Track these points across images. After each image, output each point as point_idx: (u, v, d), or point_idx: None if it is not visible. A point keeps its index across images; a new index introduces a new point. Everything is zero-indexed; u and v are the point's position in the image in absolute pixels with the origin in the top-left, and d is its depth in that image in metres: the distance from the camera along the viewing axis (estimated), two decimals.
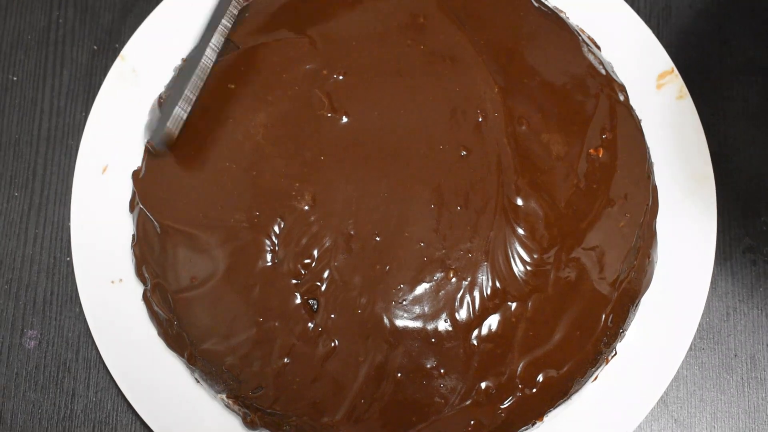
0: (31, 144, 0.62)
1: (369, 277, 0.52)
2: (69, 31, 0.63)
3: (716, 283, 0.59)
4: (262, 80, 0.55)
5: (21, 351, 0.59)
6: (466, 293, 0.52)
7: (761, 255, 0.59)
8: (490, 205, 0.53)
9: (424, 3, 0.56)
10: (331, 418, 0.51)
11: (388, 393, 0.51)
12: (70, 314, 0.59)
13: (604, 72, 0.56)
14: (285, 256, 0.52)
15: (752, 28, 0.62)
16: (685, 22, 0.63)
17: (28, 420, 0.58)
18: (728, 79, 0.62)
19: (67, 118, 0.62)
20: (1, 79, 0.63)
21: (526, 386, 0.52)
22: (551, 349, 0.52)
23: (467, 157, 0.53)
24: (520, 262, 0.52)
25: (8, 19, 0.63)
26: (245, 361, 0.52)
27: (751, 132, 0.61)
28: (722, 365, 0.58)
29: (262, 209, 0.53)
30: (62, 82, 0.62)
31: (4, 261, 0.60)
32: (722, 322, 0.59)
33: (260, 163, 0.53)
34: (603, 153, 0.54)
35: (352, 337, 0.51)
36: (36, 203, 0.61)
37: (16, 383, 0.58)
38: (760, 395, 0.58)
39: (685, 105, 0.58)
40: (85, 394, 0.58)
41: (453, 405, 0.51)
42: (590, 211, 0.53)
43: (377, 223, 0.52)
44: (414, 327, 0.51)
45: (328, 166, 0.53)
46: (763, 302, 0.59)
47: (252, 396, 0.52)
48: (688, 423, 0.57)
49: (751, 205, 0.60)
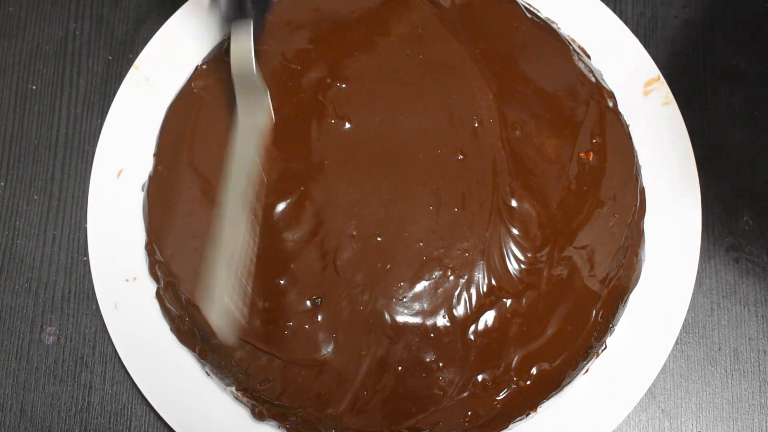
0: (49, 149, 0.62)
1: (371, 275, 0.52)
2: (85, 43, 0.63)
3: (701, 280, 0.59)
4: (269, 88, 0.55)
5: (40, 346, 0.59)
6: (464, 290, 0.52)
7: (744, 253, 0.59)
8: (486, 207, 0.53)
9: (422, 15, 0.56)
10: (335, 410, 0.51)
11: (389, 385, 0.51)
12: (87, 311, 0.59)
13: (593, 79, 0.56)
14: (291, 257, 0.52)
15: (734, 37, 0.62)
16: (671, 31, 0.63)
17: (47, 412, 0.58)
18: (712, 86, 0.62)
19: (84, 125, 0.62)
20: (20, 87, 0.63)
21: (521, 379, 0.52)
22: (544, 343, 0.52)
23: (464, 160, 0.53)
24: (514, 260, 0.52)
25: (27, 31, 0.64)
26: (253, 355, 0.52)
27: (734, 136, 0.61)
28: (707, 358, 0.58)
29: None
30: (79, 90, 0.63)
31: (24, 260, 0.60)
32: (707, 318, 0.59)
33: (267, 165, 0.53)
34: (593, 156, 0.54)
35: (355, 332, 0.51)
36: (54, 206, 0.61)
37: (35, 377, 0.58)
38: (742, 386, 0.58)
39: (671, 110, 0.58)
40: (101, 387, 0.58)
41: (451, 396, 0.51)
42: (581, 211, 0.54)
43: (378, 224, 0.53)
44: (414, 322, 0.52)
45: (332, 170, 0.53)
46: (745, 298, 0.59)
47: (260, 388, 0.52)
48: (675, 413, 0.57)
49: (734, 206, 0.60)
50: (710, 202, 0.60)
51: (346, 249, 0.52)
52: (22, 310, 0.59)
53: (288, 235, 0.52)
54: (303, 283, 0.52)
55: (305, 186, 0.53)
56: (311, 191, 0.53)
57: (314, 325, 0.51)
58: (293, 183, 0.53)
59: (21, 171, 0.61)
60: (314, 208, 0.53)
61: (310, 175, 0.53)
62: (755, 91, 0.62)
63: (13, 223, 0.60)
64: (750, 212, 0.60)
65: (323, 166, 0.53)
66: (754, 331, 0.58)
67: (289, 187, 0.53)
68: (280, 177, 0.53)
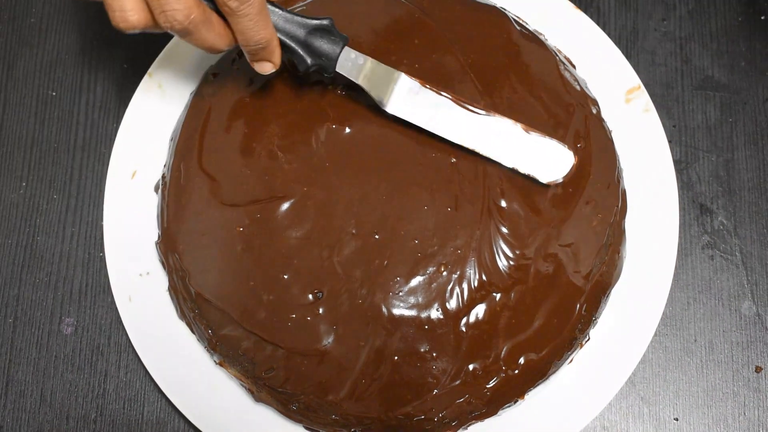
0: (68, 152, 0.62)
1: (369, 270, 0.52)
2: (102, 52, 0.63)
3: (678, 276, 0.59)
4: (274, 95, 0.55)
5: (59, 336, 0.59)
6: (456, 285, 0.52)
7: (718, 251, 0.60)
8: (477, 207, 0.53)
9: (419, 26, 0.56)
10: (335, 397, 0.52)
11: (386, 374, 0.51)
12: (103, 304, 0.59)
13: (579, 88, 0.57)
14: (294, 253, 0.52)
15: (710, 50, 0.62)
16: (651, 43, 0.63)
17: (66, 398, 0.58)
18: (689, 94, 0.62)
19: (100, 129, 0.62)
20: (41, 94, 0.63)
21: (509, 368, 0.52)
22: (532, 334, 0.52)
23: (456, 163, 0.53)
24: (503, 257, 0.52)
25: (48, 41, 0.64)
26: (259, 345, 0.52)
27: (709, 142, 0.61)
28: (683, 349, 0.58)
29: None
30: (96, 96, 0.63)
31: (44, 256, 0.60)
32: (683, 311, 0.59)
33: (273, 168, 0.54)
34: (577, 160, 0.54)
35: (354, 324, 0.51)
36: (72, 205, 0.61)
37: (55, 365, 0.59)
38: (717, 375, 0.58)
39: (651, 117, 0.58)
40: (116, 374, 0.58)
41: (444, 385, 0.51)
42: (566, 211, 0.53)
43: (376, 223, 0.52)
44: (409, 315, 0.51)
45: (333, 172, 0.53)
46: (719, 293, 0.59)
47: (265, 377, 0.52)
48: (653, 400, 0.58)
49: (709, 207, 0.60)
50: (687, 203, 0.60)
51: (346, 246, 0.52)
52: (42, 302, 0.60)
53: (291, 232, 0.52)
54: (305, 278, 0.52)
55: (308, 187, 0.53)
56: (313, 192, 0.53)
57: (316, 318, 0.51)
58: (297, 184, 0.53)
59: (41, 172, 0.61)
60: (316, 208, 0.53)
61: (313, 177, 0.53)
62: (729, 99, 0.62)
63: (34, 221, 0.61)
64: (724, 213, 0.60)
65: (325, 169, 0.53)
66: (727, 324, 0.59)
67: (293, 188, 0.53)
68: (285, 178, 0.53)
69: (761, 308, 0.59)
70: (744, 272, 0.59)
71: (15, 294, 0.60)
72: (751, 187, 0.60)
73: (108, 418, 0.58)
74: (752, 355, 0.58)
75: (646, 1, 0.63)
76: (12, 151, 0.62)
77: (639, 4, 0.63)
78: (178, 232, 0.54)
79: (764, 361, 0.58)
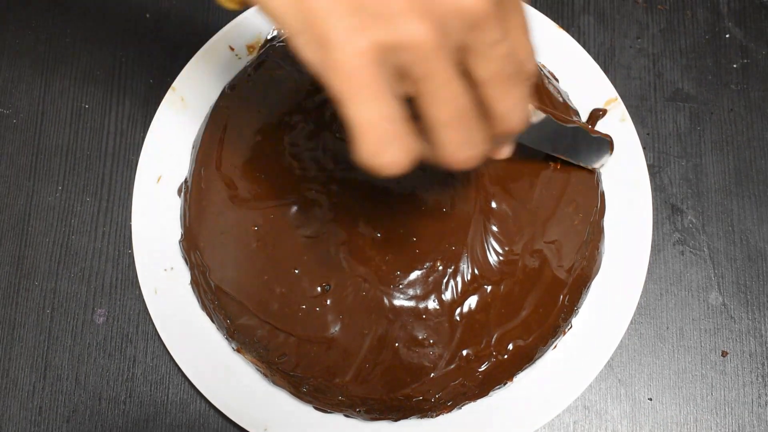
0: (99, 159, 0.62)
1: (372, 265, 0.52)
2: (130, 68, 0.63)
3: (652, 270, 0.59)
4: (286, 107, 0.54)
5: (92, 326, 0.59)
6: (451, 279, 0.52)
7: (688, 247, 0.60)
8: (470, 207, 0.53)
9: None
10: (341, 380, 0.52)
11: (388, 359, 0.51)
12: (132, 296, 0.59)
13: (561, 99, 0.56)
14: (304, 250, 0.52)
15: (680, 65, 0.62)
16: (627, 59, 0.62)
17: (98, 381, 0.58)
18: (661, 105, 0.61)
19: (129, 138, 0.62)
20: (75, 107, 0.63)
21: (500, 353, 0.52)
22: (519, 323, 0.52)
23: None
24: (494, 253, 0.52)
25: (81, 59, 0.63)
26: (272, 333, 0.52)
27: (680, 148, 0.61)
28: (657, 336, 0.58)
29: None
30: (125, 109, 0.62)
31: (79, 253, 0.60)
32: (657, 301, 0.59)
33: (285, 173, 0.53)
34: (560, 165, 0.54)
35: (359, 314, 0.51)
36: (104, 207, 0.61)
37: (88, 352, 0.59)
38: (687, 359, 0.58)
39: (627, 126, 0.57)
40: (143, 360, 0.58)
41: (440, 369, 0.51)
42: (550, 211, 0.53)
43: (378, 223, 0.52)
44: (409, 306, 0.52)
45: (341, 177, 0.53)
46: (689, 285, 0.59)
47: (278, 362, 0.52)
48: (629, 382, 0.58)
49: (680, 207, 0.60)
50: (659, 204, 0.60)
51: (351, 244, 0.52)
52: (77, 295, 0.60)
53: (302, 231, 0.52)
54: (314, 273, 0.52)
55: (316, 191, 0.53)
56: (321, 195, 0.53)
57: (324, 308, 0.52)
58: (306, 188, 0.53)
59: (76, 177, 0.61)
60: (324, 210, 0.53)
61: (321, 181, 0.53)
62: (697, 109, 0.61)
63: (69, 222, 0.61)
64: (693, 212, 0.60)
65: (333, 174, 0.53)
66: (696, 312, 0.58)
67: (303, 191, 0.53)
68: (296, 183, 0.53)
69: (727, 299, 0.59)
70: (711, 266, 0.59)
71: (52, 287, 0.60)
72: (717, 189, 0.60)
73: (136, 399, 0.58)
74: (719, 341, 0.58)
75: (622, 21, 0.63)
76: (49, 158, 0.62)
77: (616, 23, 0.63)
78: (199, 231, 0.54)
79: (729, 346, 0.58)
